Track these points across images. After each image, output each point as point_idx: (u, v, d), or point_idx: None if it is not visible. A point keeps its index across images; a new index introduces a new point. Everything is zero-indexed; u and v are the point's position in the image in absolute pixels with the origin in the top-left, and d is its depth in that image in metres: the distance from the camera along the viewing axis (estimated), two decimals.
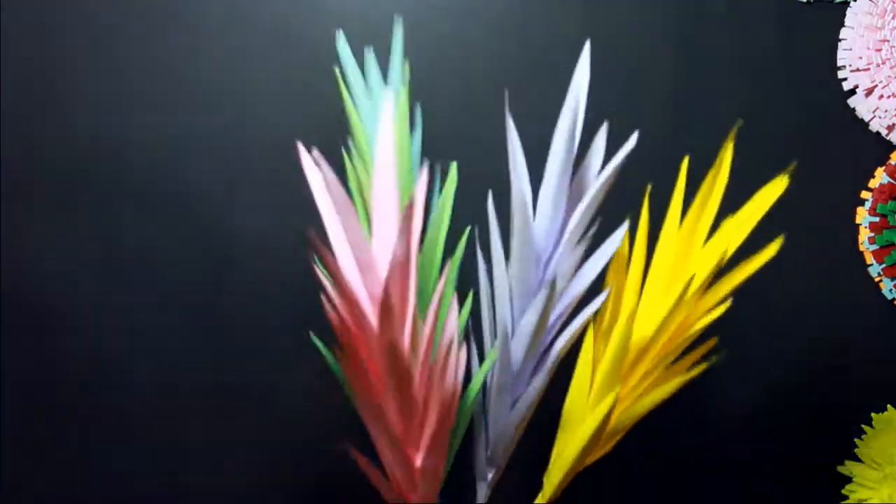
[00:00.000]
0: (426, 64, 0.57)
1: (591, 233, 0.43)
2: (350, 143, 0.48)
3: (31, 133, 0.57)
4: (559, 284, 0.43)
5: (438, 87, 0.57)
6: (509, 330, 0.44)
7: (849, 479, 0.57)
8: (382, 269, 0.40)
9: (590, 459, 0.44)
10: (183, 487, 0.58)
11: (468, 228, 0.48)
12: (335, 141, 0.58)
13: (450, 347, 0.41)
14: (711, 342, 0.45)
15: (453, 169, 0.47)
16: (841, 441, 0.57)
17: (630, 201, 0.58)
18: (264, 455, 0.58)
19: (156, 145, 0.57)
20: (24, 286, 0.57)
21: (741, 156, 0.58)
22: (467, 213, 0.51)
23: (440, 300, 0.40)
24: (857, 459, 0.57)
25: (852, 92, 0.57)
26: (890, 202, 0.56)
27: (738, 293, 0.58)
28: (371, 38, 0.58)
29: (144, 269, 0.57)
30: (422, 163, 0.44)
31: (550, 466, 0.45)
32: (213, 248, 0.57)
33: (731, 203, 0.58)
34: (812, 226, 0.58)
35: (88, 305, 0.57)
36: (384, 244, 0.40)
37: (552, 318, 0.44)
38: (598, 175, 0.44)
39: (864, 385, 0.58)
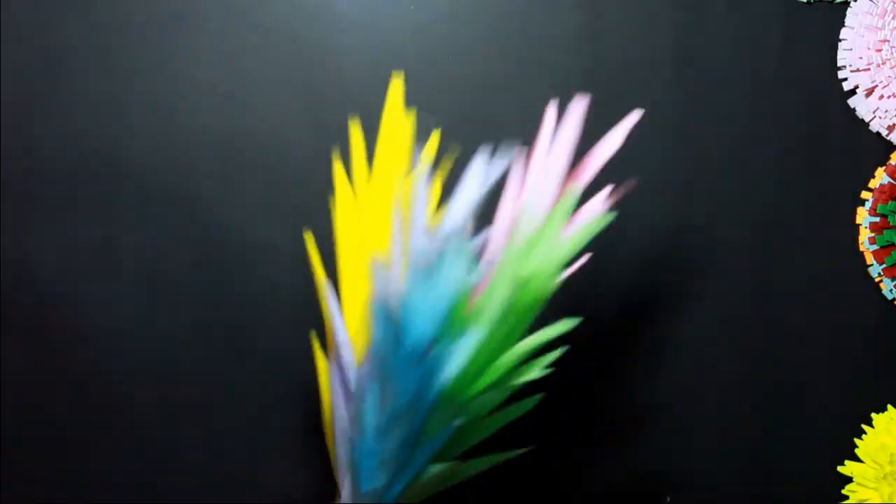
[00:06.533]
0: (426, 68, 0.57)
1: None
2: None
3: (31, 133, 0.57)
4: None
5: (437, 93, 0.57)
6: None
7: (849, 479, 0.57)
8: None
9: None
10: (181, 490, 0.58)
11: None
12: (335, 140, 0.58)
13: None
14: None
15: None
16: (841, 441, 0.57)
17: (627, 200, 0.58)
18: (263, 457, 0.58)
19: (155, 145, 0.57)
20: (23, 286, 0.57)
21: (742, 155, 0.58)
22: None
23: None
24: (857, 459, 0.57)
25: (852, 92, 0.57)
26: (890, 202, 0.56)
27: (737, 293, 0.58)
28: (373, 41, 0.58)
29: (144, 270, 0.57)
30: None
31: None
32: (213, 248, 0.57)
33: (738, 206, 0.58)
34: (812, 226, 0.58)
35: (88, 305, 0.57)
36: None
37: None
38: None
39: (864, 385, 0.58)
